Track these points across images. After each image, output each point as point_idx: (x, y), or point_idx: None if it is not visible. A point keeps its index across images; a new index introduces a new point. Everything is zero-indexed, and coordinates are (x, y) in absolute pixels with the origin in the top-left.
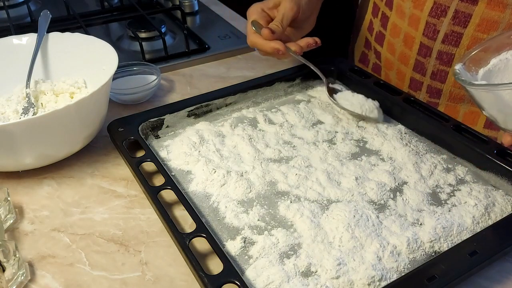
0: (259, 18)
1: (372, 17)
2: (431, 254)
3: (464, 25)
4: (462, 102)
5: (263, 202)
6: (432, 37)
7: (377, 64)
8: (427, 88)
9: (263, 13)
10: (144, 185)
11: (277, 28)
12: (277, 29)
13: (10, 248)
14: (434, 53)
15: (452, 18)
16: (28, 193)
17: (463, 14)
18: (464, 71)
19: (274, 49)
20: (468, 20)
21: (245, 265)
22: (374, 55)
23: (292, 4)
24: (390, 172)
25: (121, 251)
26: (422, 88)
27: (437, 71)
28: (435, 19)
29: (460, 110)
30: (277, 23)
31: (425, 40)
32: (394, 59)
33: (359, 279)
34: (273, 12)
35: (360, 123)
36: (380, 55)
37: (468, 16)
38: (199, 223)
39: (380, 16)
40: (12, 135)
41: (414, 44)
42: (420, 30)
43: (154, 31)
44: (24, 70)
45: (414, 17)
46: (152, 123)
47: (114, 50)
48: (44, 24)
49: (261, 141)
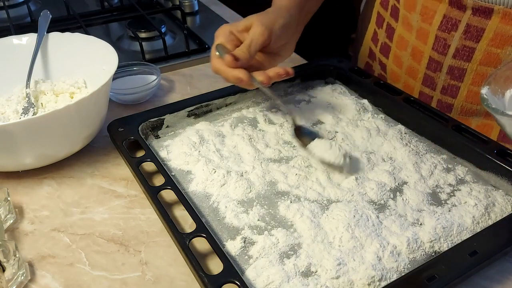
0: (226, 41)
1: (377, 27)
2: (431, 254)
3: (477, 40)
4: (474, 116)
5: (263, 202)
6: (443, 52)
7: (382, 76)
8: (437, 103)
9: (231, 36)
10: (144, 185)
11: (243, 54)
12: (242, 55)
13: (10, 248)
14: (444, 68)
15: (463, 33)
16: (28, 193)
17: (475, 29)
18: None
19: (236, 78)
20: (481, 34)
21: (245, 265)
22: (379, 66)
23: (262, 29)
24: (390, 172)
25: (121, 251)
26: (431, 103)
27: (448, 86)
28: (445, 33)
29: (473, 123)
30: (244, 49)
31: (435, 54)
32: (401, 72)
33: (359, 279)
34: (243, 35)
35: (360, 122)
36: (385, 67)
37: (481, 30)
38: (199, 223)
39: (385, 27)
40: (12, 135)
41: (423, 58)
42: (429, 44)
43: (154, 31)
44: (24, 70)
45: (422, 31)
46: (152, 123)
47: (114, 50)
48: (44, 24)
49: (261, 141)
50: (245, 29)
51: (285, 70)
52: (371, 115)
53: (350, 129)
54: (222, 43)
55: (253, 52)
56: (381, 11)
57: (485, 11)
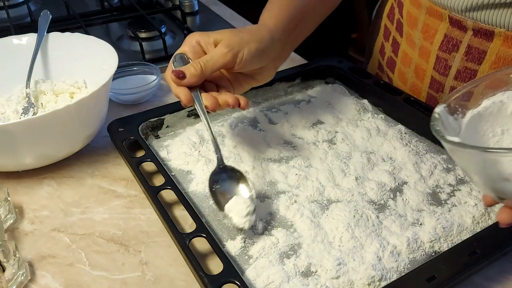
0: (190, 51)
1: (384, 40)
2: (431, 254)
3: (479, 62)
4: None
5: (263, 202)
6: (444, 73)
7: None
8: None
9: (197, 47)
10: (144, 185)
11: (194, 72)
12: (192, 73)
13: (10, 248)
14: (446, 89)
15: (465, 54)
16: (28, 193)
17: (477, 50)
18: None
19: (176, 96)
20: (483, 57)
21: (245, 265)
22: (387, 79)
23: (225, 51)
24: (390, 172)
25: (121, 251)
26: None
27: None
28: (446, 53)
29: None
30: (197, 66)
31: (436, 75)
32: (406, 88)
33: (359, 279)
34: (209, 48)
35: (360, 122)
36: (392, 81)
37: (483, 52)
38: (199, 223)
39: (391, 41)
40: (12, 135)
41: (425, 77)
42: (431, 63)
43: (154, 31)
44: (24, 70)
45: (424, 49)
46: (152, 123)
47: (114, 50)
48: (44, 24)
49: (261, 141)
50: (214, 43)
51: (237, 102)
52: (371, 115)
53: (350, 129)
54: (184, 52)
55: (207, 72)
56: (388, 24)
57: (486, 33)
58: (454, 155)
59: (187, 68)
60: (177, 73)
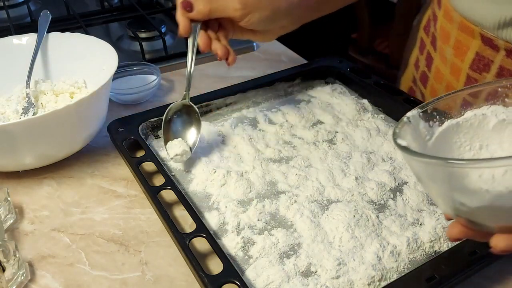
0: None
1: (419, 53)
2: (431, 254)
3: None
4: None
5: (263, 202)
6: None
7: None
8: None
9: None
10: (144, 185)
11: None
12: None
13: (10, 248)
14: None
15: (496, 75)
16: (28, 193)
17: (508, 72)
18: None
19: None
20: None
21: (245, 265)
22: (420, 94)
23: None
24: (390, 172)
25: (121, 251)
26: None
27: None
28: (476, 73)
29: None
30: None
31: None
32: None
33: (359, 279)
34: None
35: (360, 122)
36: (424, 97)
37: None
38: (199, 223)
39: (425, 54)
40: (12, 135)
41: None
42: (461, 82)
43: (154, 31)
44: (24, 70)
45: (455, 67)
46: (152, 123)
47: (114, 50)
48: (44, 24)
49: (261, 141)
50: None
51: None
52: (371, 115)
53: (350, 129)
54: None
55: (213, 16)
56: (424, 36)
57: None
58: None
59: (196, 3)
60: (186, 4)
